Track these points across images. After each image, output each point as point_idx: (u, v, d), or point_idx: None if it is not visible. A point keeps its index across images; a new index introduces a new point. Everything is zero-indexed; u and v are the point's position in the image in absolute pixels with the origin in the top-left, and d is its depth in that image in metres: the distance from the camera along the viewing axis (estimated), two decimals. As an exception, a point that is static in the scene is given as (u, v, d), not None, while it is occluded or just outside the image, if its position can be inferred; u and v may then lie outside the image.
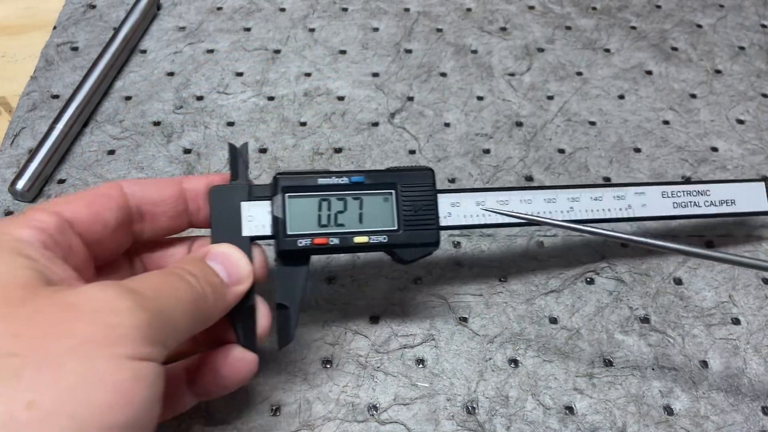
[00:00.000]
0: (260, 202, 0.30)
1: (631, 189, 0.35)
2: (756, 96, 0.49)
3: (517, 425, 0.33)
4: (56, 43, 0.49)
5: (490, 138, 0.45)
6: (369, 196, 0.31)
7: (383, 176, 0.31)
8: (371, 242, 0.31)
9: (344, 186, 0.31)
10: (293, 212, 0.30)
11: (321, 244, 0.30)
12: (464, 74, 0.49)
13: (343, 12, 0.53)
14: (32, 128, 0.44)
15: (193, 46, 0.50)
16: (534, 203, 0.33)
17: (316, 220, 0.30)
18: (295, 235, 0.30)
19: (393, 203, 0.31)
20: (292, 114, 0.46)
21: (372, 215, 0.31)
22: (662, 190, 0.36)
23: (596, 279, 0.39)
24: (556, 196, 0.33)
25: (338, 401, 0.33)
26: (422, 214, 0.31)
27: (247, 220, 0.30)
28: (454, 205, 0.32)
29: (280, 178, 0.30)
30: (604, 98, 0.48)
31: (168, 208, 0.29)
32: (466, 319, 0.37)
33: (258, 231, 0.30)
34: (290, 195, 0.30)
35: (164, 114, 0.45)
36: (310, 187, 0.31)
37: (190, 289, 0.25)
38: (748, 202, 0.37)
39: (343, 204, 0.31)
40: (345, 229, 0.31)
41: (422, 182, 0.32)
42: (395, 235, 0.31)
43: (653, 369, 0.35)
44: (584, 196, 0.34)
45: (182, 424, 0.32)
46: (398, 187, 0.31)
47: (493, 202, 0.33)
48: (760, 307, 0.38)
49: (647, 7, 0.55)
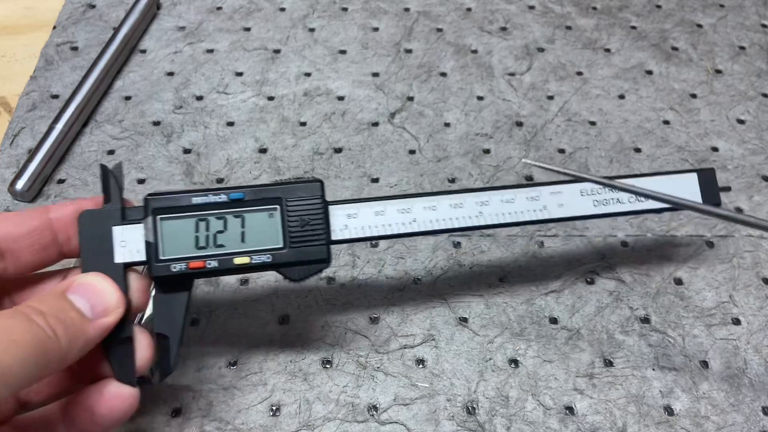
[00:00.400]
0: (134, 226, 0.28)
1: (546, 189, 0.33)
2: (756, 96, 0.49)
3: (518, 425, 0.33)
4: (56, 42, 0.49)
5: (490, 138, 0.45)
6: (252, 213, 0.29)
7: (267, 191, 0.30)
8: (254, 263, 0.29)
9: (223, 204, 0.29)
10: (167, 235, 0.28)
11: (197, 268, 0.28)
12: (464, 74, 0.49)
13: (343, 12, 0.53)
14: (32, 128, 0.44)
15: (193, 46, 0.50)
16: (439, 209, 0.31)
17: (194, 241, 0.28)
18: (169, 260, 0.28)
19: (278, 219, 0.29)
20: (292, 114, 0.46)
21: (255, 233, 0.29)
22: (581, 188, 0.33)
23: (596, 279, 0.39)
24: (463, 201, 0.32)
25: (338, 401, 0.33)
26: (310, 230, 0.29)
27: (120, 245, 0.28)
28: (351, 216, 0.30)
29: (151, 199, 0.28)
30: (605, 98, 0.48)
31: (32, 241, 0.27)
32: (466, 319, 0.37)
33: (132, 257, 0.28)
34: (163, 217, 0.28)
35: (164, 114, 0.45)
36: (184, 207, 0.29)
37: (29, 331, 0.23)
38: (680, 195, 0.33)
39: (224, 223, 0.29)
40: (225, 250, 0.29)
41: (310, 195, 0.30)
42: (280, 253, 0.29)
43: (653, 369, 0.35)
44: (494, 199, 0.32)
45: (182, 423, 0.32)
46: (284, 202, 0.29)
47: (393, 210, 0.31)
48: (760, 307, 0.38)
49: (647, 7, 0.55)
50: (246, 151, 0.44)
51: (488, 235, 0.40)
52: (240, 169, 0.42)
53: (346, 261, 0.39)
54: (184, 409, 0.33)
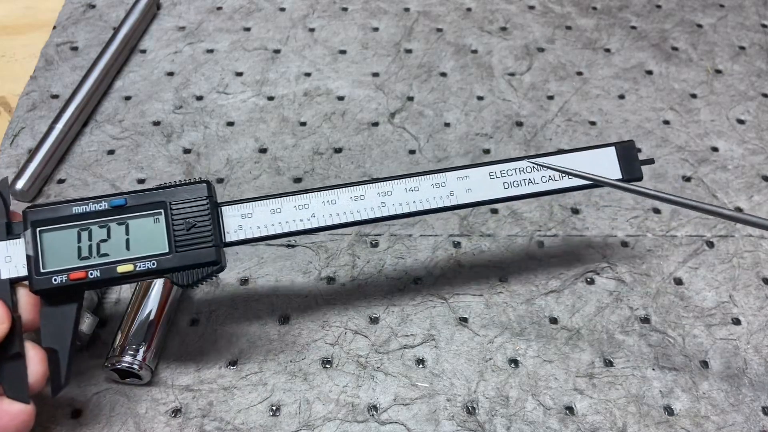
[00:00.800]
0: (18, 240, 0.28)
1: (452, 174, 0.31)
2: (756, 96, 0.49)
3: (518, 425, 0.33)
4: (56, 42, 0.49)
5: (490, 138, 0.45)
6: (135, 220, 0.29)
7: (150, 195, 0.29)
8: (138, 270, 0.28)
9: (105, 212, 0.28)
10: (49, 247, 0.28)
11: (79, 279, 0.28)
12: (464, 74, 0.49)
13: (343, 12, 0.53)
14: (32, 128, 0.44)
15: (193, 46, 0.50)
16: (338, 203, 0.30)
17: (76, 252, 0.28)
18: (51, 272, 0.28)
19: (163, 224, 0.28)
20: (292, 114, 0.46)
21: (141, 240, 0.28)
22: (489, 171, 0.32)
23: (596, 279, 0.39)
24: (364, 192, 0.31)
25: (338, 401, 0.33)
26: (197, 232, 0.29)
27: (4, 261, 0.28)
28: (245, 216, 0.30)
29: (29, 212, 0.28)
30: (605, 98, 0.48)
31: None
32: (466, 319, 0.37)
33: (17, 272, 0.28)
34: (43, 229, 0.28)
35: (164, 114, 0.45)
36: (64, 217, 0.28)
37: None
38: (596, 171, 0.32)
39: (107, 231, 0.28)
40: (109, 258, 0.28)
41: (196, 197, 0.29)
42: (166, 258, 0.28)
43: (653, 369, 0.35)
44: (397, 189, 0.31)
45: (182, 423, 0.32)
46: (168, 206, 0.29)
47: (290, 207, 0.30)
48: (760, 308, 0.38)
49: (647, 7, 0.55)
50: (246, 151, 0.44)
51: (488, 235, 0.40)
52: (240, 169, 0.42)
53: (346, 261, 0.39)
54: (184, 409, 0.33)
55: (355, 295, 0.37)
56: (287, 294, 0.37)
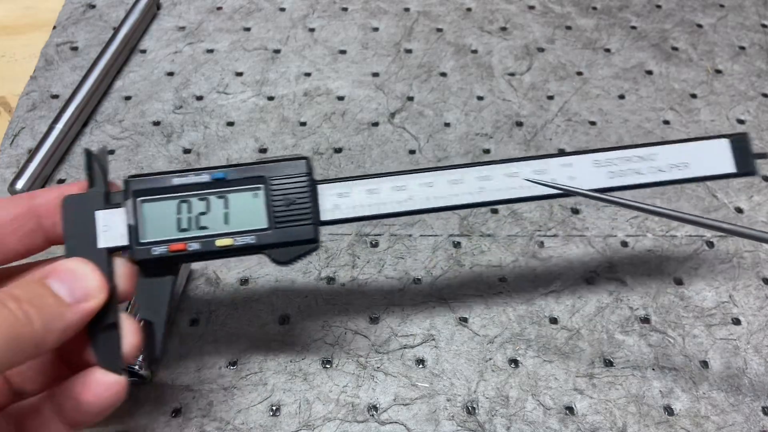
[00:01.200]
0: (117, 210, 0.27)
1: (555, 161, 0.30)
2: (756, 96, 0.49)
3: (518, 425, 0.33)
4: (56, 42, 0.49)
5: (491, 138, 0.45)
6: (235, 194, 0.28)
7: (250, 170, 0.28)
8: (237, 245, 0.28)
9: (205, 184, 0.28)
10: (149, 218, 0.27)
11: (178, 251, 0.27)
12: (464, 74, 0.49)
13: (343, 12, 0.53)
14: (32, 128, 0.44)
15: (193, 46, 0.50)
16: (436, 186, 0.29)
17: (176, 224, 0.27)
18: (151, 243, 0.27)
19: (263, 199, 0.28)
20: (292, 114, 0.46)
21: (240, 214, 0.28)
22: (594, 159, 0.30)
23: (596, 279, 0.39)
24: (462, 176, 0.30)
25: (338, 401, 0.33)
26: (296, 209, 0.28)
27: (103, 230, 0.27)
28: (342, 195, 0.29)
29: (131, 181, 0.28)
30: (605, 98, 0.48)
31: (15, 228, 0.27)
32: (466, 319, 0.37)
33: (114, 241, 0.27)
34: (144, 199, 0.27)
35: (164, 114, 0.45)
36: (165, 188, 0.28)
37: (5, 317, 0.22)
38: (707, 164, 0.31)
39: (206, 204, 0.28)
40: (208, 231, 0.28)
41: (296, 173, 0.28)
42: (265, 234, 0.28)
43: (653, 369, 0.35)
44: (496, 173, 0.30)
45: (182, 423, 0.32)
46: (268, 181, 0.28)
47: (387, 188, 0.29)
48: (760, 307, 0.38)
49: (647, 7, 0.55)
50: (246, 151, 0.44)
51: (488, 235, 0.40)
52: (240, 169, 0.42)
53: (346, 261, 0.39)
54: (184, 409, 0.33)
55: (355, 295, 0.37)
56: (287, 294, 0.37)
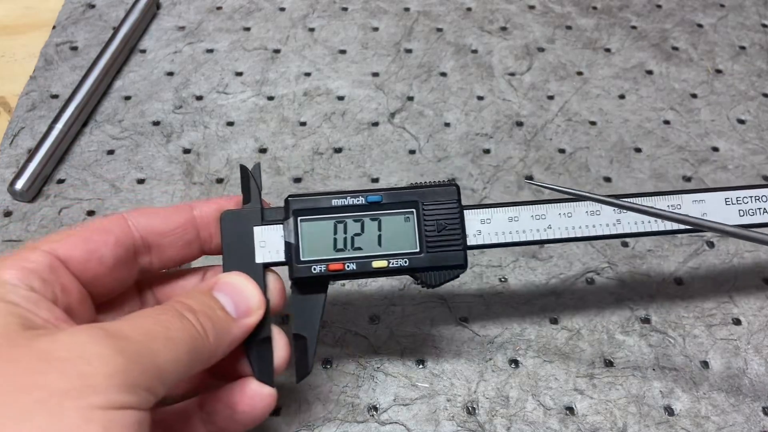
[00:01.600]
0: (273, 226, 0.29)
1: (688, 197, 0.31)
2: (757, 96, 0.49)
3: (518, 426, 0.33)
4: (56, 42, 0.49)
5: (491, 138, 0.45)
6: (388, 217, 0.29)
7: (403, 194, 0.29)
8: (391, 267, 0.29)
9: (360, 206, 0.29)
10: (307, 237, 0.29)
11: (337, 270, 0.28)
12: (464, 74, 0.49)
13: (343, 12, 0.53)
14: (31, 128, 0.44)
15: (193, 46, 0.50)
16: (574, 216, 0.30)
17: (332, 244, 0.29)
18: (310, 261, 0.28)
19: (414, 223, 0.29)
20: (291, 114, 0.46)
21: (392, 237, 0.29)
22: (725, 197, 0.31)
23: (597, 279, 0.39)
24: (600, 208, 0.30)
25: (338, 401, 0.33)
26: (447, 234, 0.29)
27: (259, 245, 0.28)
28: (484, 222, 0.30)
29: (292, 201, 0.29)
30: (605, 98, 0.48)
31: (176, 237, 0.28)
32: (466, 319, 0.36)
33: (271, 257, 0.28)
34: (303, 218, 0.29)
35: (164, 114, 0.45)
36: (323, 209, 0.29)
37: (184, 329, 0.23)
38: None
39: (361, 226, 0.29)
40: (363, 252, 0.29)
41: (446, 199, 0.29)
42: (417, 258, 0.29)
43: (654, 369, 0.35)
44: None
45: (181, 424, 0.32)
46: (420, 206, 0.29)
47: (527, 216, 0.30)
48: (761, 308, 0.38)
49: (648, 7, 0.55)
50: (246, 151, 0.43)
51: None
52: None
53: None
54: (183, 410, 0.32)
55: (355, 295, 0.37)
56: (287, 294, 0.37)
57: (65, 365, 0.19)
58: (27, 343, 0.20)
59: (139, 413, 0.20)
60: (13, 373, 0.19)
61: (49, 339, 0.20)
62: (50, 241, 0.25)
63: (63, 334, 0.21)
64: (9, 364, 0.19)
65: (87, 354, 0.20)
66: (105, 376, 0.19)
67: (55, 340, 0.20)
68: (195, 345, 0.23)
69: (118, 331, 0.21)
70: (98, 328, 0.21)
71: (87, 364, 0.20)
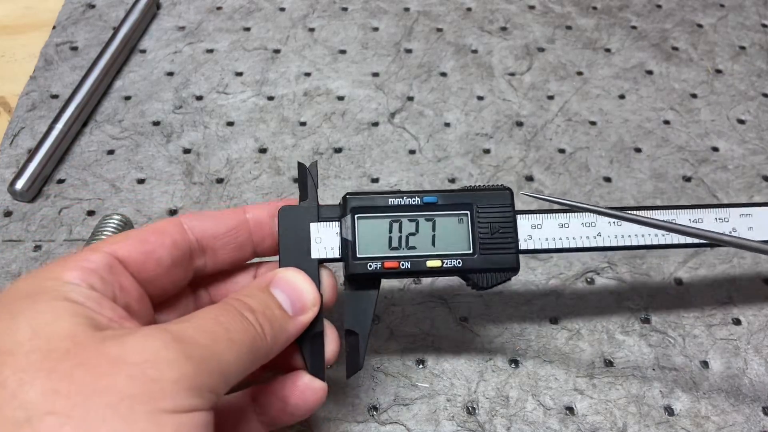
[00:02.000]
0: (328, 223, 0.29)
1: (735, 210, 0.32)
2: (757, 96, 0.49)
3: (518, 426, 0.33)
4: (56, 42, 0.49)
5: (491, 138, 0.45)
6: (442, 218, 0.30)
7: (458, 197, 0.30)
8: (445, 267, 0.29)
9: (416, 207, 0.30)
10: (363, 234, 0.29)
11: (392, 268, 0.29)
12: (464, 74, 0.49)
13: (343, 12, 0.53)
14: (31, 128, 0.44)
15: (193, 46, 0.50)
16: (624, 225, 0.31)
17: (387, 242, 0.29)
18: (365, 258, 0.29)
19: (468, 225, 0.30)
20: (291, 114, 0.46)
21: (445, 238, 0.29)
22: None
23: (597, 279, 0.39)
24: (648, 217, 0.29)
25: (338, 401, 0.33)
26: (500, 237, 0.29)
27: (315, 241, 0.29)
28: (535, 227, 0.30)
29: (350, 199, 0.29)
30: (605, 98, 0.48)
31: (229, 240, 0.29)
32: (466, 319, 0.36)
33: (327, 253, 0.29)
34: (360, 216, 0.29)
35: (164, 114, 0.45)
36: (380, 207, 0.29)
37: (245, 330, 0.24)
38: None
39: (415, 226, 0.29)
40: (417, 252, 0.29)
41: (500, 203, 0.30)
42: (470, 259, 0.29)
43: (654, 369, 0.35)
44: (680, 218, 0.31)
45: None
46: (474, 208, 0.30)
47: (577, 224, 0.30)
48: (760, 308, 0.38)
49: (648, 7, 0.55)
50: (246, 151, 0.43)
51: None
52: (240, 169, 0.42)
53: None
54: (183, 410, 0.32)
55: (355, 295, 0.37)
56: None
57: (135, 370, 0.20)
58: (96, 346, 0.21)
59: (205, 414, 0.21)
60: (83, 376, 0.19)
61: (119, 342, 0.21)
62: (110, 242, 0.25)
63: (131, 338, 0.21)
64: (78, 367, 0.20)
65: (156, 359, 0.20)
66: (173, 381, 0.20)
67: (125, 343, 0.21)
68: (254, 345, 0.24)
69: (184, 335, 0.22)
70: (165, 331, 0.22)
71: (156, 370, 0.20)
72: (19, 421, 0.19)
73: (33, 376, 0.19)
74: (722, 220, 0.32)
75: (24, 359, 0.20)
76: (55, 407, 0.19)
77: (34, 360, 0.20)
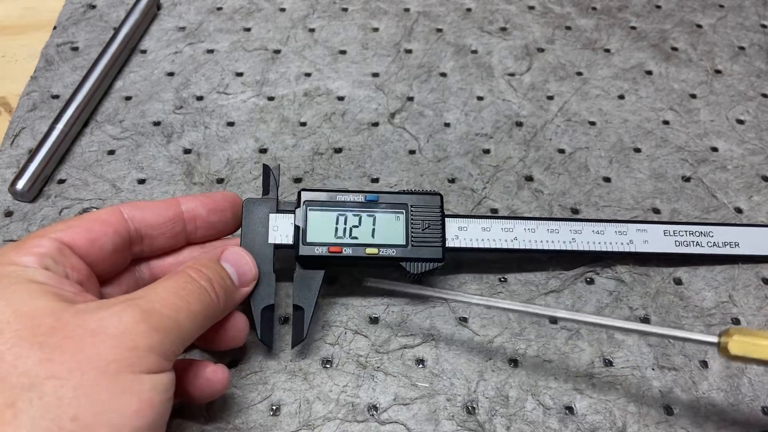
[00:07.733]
0: (285, 215, 0.34)
1: (633, 226, 0.37)
2: (756, 96, 0.49)
3: (517, 425, 0.33)
4: (56, 43, 0.49)
5: (490, 138, 0.45)
6: (382, 214, 0.34)
7: (396, 197, 0.35)
8: (381, 254, 0.34)
9: (360, 203, 0.35)
10: (313, 223, 0.34)
11: (336, 253, 0.33)
12: (464, 74, 0.49)
13: (343, 12, 0.53)
14: (32, 128, 0.44)
15: (193, 46, 0.50)
16: (537, 232, 0.36)
17: (333, 231, 0.34)
18: (314, 243, 0.33)
19: (403, 222, 0.34)
20: (292, 114, 0.46)
21: (384, 231, 0.34)
22: (663, 229, 0.37)
23: (596, 279, 0.39)
24: (558, 227, 0.36)
25: (338, 401, 0.33)
26: (430, 233, 0.34)
27: (272, 229, 0.34)
28: (461, 229, 0.35)
29: (303, 193, 0.34)
30: (604, 98, 0.48)
31: (166, 230, 0.32)
32: (466, 319, 0.37)
33: (281, 239, 0.34)
34: (311, 208, 0.34)
35: (164, 114, 0.45)
36: (329, 202, 0.34)
37: (202, 299, 0.28)
38: (753, 246, 0.38)
39: (358, 219, 0.34)
40: (358, 241, 0.34)
41: (431, 205, 0.35)
42: (403, 249, 0.34)
43: (653, 369, 0.35)
44: (586, 229, 0.37)
45: (182, 423, 0.32)
46: (409, 208, 0.35)
47: (498, 228, 0.36)
48: (759, 307, 0.38)
49: (647, 7, 0.55)
50: (246, 151, 0.44)
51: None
52: (240, 169, 0.42)
53: (346, 261, 0.39)
54: (183, 409, 0.33)
55: (355, 295, 0.37)
56: (287, 294, 0.37)
57: (115, 341, 0.24)
58: (75, 320, 0.24)
59: (170, 374, 0.26)
60: (72, 346, 0.23)
61: (96, 317, 0.24)
62: (54, 229, 0.28)
63: (106, 312, 0.25)
64: (67, 339, 0.23)
65: (131, 331, 0.24)
66: (147, 348, 0.25)
67: (102, 318, 0.24)
68: (209, 311, 0.28)
69: (152, 309, 0.26)
70: (135, 306, 0.25)
71: (132, 340, 0.24)
72: (24, 386, 0.22)
73: (27, 348, 0.23)
74: (621, 233, 0.37)
75: (15, 335, 0.23)
76: (53, 372, 0.23)
77: (25, 335, 0.23)
